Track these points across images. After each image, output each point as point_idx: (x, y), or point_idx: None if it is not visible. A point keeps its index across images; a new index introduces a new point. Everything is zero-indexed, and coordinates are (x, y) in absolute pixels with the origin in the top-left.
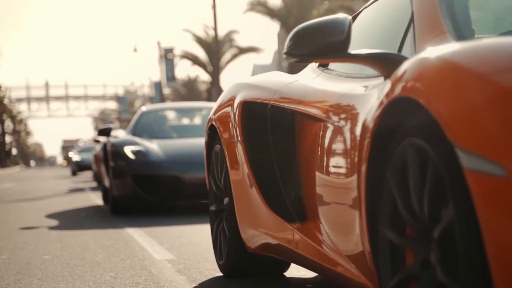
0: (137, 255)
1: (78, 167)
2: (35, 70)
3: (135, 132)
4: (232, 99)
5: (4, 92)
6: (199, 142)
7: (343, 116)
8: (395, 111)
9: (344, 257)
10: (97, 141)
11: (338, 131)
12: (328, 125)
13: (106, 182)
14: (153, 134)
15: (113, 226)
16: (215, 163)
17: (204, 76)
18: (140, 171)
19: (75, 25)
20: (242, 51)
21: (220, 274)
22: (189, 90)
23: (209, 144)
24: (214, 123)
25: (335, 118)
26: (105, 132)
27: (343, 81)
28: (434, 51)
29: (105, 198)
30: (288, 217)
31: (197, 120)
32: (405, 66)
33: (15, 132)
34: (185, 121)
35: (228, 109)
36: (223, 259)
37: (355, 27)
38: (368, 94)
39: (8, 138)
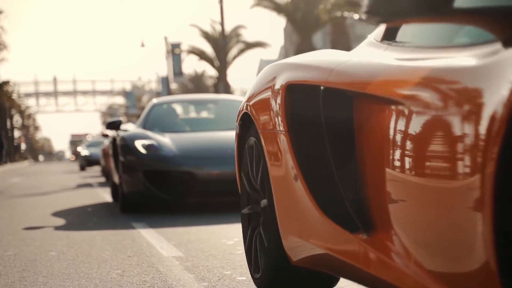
0: (144, 252)
1: (86, 162)
2: (43, 66)
3: (146, 125)
4: (272, 83)
5: (13, 87)
6: (214, 136)
7: (440, 99)
8: None
9: (434, 278)
10: (105, 136)
11: (433, 118)
12: (413, 110)
13: (116, 178)
14: (165, 128)
15: (120, 222)
16: (249, 159)
17: (211, 71)
18: (152, 166)
19: (83, 21)
20: (249, 46)
21: (229, 272)
22: (196, 85)
23: (241, 137)
24: (248, 111)
25: (425, 102)
26: (114, 125)
27: (428, 53)
28: None
29: (114, 194)
30: (350, 225)
31: (212, 113)
32: None
33: (24, 127)
34: (199, 114)
35: (267, 94)
36: (259, 272)
37: None
38: (483, 67)
39: (17, 133)
